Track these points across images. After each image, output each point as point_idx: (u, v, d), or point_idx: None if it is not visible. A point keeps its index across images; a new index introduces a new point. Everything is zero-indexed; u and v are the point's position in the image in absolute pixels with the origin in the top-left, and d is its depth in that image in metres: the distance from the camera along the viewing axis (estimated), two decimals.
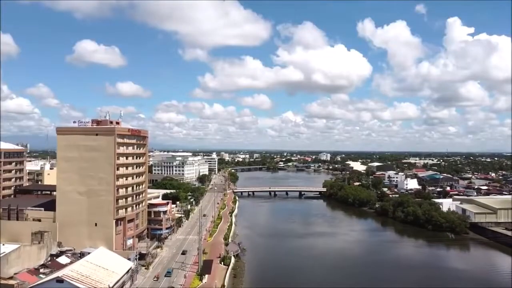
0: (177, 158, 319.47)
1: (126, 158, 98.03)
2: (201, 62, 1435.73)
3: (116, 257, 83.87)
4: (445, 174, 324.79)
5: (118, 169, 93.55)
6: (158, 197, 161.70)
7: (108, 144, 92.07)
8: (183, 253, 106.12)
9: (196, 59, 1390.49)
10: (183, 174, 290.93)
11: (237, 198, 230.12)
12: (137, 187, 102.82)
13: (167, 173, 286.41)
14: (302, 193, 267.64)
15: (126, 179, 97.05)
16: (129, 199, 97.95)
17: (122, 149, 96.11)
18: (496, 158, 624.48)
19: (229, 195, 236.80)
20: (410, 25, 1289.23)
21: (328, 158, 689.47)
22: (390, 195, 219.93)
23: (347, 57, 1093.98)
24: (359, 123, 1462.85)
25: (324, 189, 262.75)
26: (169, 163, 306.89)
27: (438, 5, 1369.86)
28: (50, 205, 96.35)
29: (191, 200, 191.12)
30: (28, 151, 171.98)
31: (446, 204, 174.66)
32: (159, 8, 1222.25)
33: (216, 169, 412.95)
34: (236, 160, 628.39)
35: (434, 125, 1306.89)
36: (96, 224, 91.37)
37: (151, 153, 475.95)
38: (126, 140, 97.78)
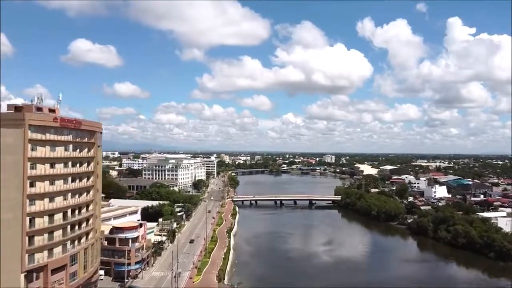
0: (170, 161, 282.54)
1: (52, 166, 59.43)
2: (198, 63, 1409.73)
3: None
4: (469, 179, 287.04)
5: (33, 184, 55.70)
6: (136, 212, 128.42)
7: (16, 142, 54.29)
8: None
9: (193, 59, 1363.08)
10: (176, 179, 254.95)
11: (237, 208, 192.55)
12: (78, 212, 64.79)
13: (158, 178, 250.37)
14: (313, 202, 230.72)
15: (50, 201, 58.66)
16: (57, 233, 59.59)
17: (41, 151, 57.62)
18: (506, 161, 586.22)
19: (228, 205, 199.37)
20: (411, 24, 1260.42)
21: (333, 160, 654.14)
22: (421, 207, 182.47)
23: (347, 57, 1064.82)
24: (360, 124, 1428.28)
25: (338, 198, 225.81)
26: (161, 166, 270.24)
27: (439, 4, 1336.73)
28: None
29: (181, 213, 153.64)
30: None
31: (502, 221, 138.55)
32: (153, 6, 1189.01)
33: (215, 173, 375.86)
34: (237, 163, 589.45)
35: (435, 126, 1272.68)
36: None
37: (147, 155, 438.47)
38: (50, 137, 59.04)
